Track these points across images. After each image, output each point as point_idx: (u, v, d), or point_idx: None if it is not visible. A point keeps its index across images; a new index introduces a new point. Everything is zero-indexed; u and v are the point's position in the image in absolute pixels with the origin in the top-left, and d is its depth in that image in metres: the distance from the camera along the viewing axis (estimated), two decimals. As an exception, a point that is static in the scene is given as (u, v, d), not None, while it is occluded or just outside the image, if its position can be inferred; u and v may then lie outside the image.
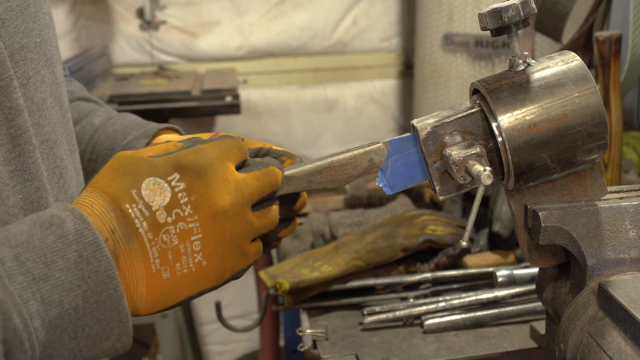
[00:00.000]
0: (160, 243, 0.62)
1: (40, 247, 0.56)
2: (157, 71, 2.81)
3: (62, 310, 0.55)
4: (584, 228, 0.78)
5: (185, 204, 0.63)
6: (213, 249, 0.65)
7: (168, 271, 0.63)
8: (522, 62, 0.77)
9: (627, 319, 0.69)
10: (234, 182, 0.67)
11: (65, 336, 0.56)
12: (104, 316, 0.58)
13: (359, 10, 3.04)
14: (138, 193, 0.62)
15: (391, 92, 3.17)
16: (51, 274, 0.55)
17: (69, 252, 0.56)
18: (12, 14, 0.73)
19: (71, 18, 2.82)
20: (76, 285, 0.56)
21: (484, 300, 1.33)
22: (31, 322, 0.53)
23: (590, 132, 0.75)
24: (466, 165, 0.74)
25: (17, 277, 0.54)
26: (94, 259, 0.57)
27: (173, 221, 0.63)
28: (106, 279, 0.57)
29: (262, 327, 2.20)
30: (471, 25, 2.51)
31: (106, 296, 0.57)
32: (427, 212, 1.63)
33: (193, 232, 0.63)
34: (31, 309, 0.53)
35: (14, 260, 0.54)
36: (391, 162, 0.79)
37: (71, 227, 0.57)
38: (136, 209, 0.62)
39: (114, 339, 0.59)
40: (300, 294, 1.38)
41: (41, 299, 0.54)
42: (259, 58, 3.01)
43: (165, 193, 0.63)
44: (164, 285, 0.63)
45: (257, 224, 0.68)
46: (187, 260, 0.64)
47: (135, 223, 0.61)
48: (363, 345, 1.26)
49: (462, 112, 0.77)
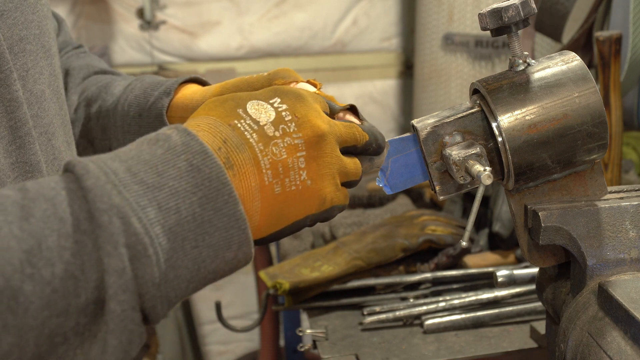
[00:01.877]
0: (270, 154, 0.63)
1: (150, 159, 0.56)
2: (157, 71, 2.81)
3: (181, 217, 0.54)
4: (584, 228, 0.78)
5: (290, 121, 0.65)
6: (315, 169, 0.66)
7: (279, 185, 0.64)
8: (522, 62, 0.77)
9: (627, 319, 0.69)
10: (326, 117, 0.69)
11: (187, 245, 0.55)
12: (223, 223, 0.57)
13: (359, 10, 3.04)
14: (244, 111, 0.64)
15: (391, 92, 3.17)
16: (165, 182, 0.55)
17: (179, 162, 0.56)
18: (11, 6, 0.73)
19: (71, 18, 2.82)
20: (191, 193, 0.55)
21: (484, 300, 1.33)
22: (151, 228, 0.53)
23: (590, 132, 0.75)
24: (466, 165, 0.74)
25: (132, 186, 0.53)
26: (204, 166, 0.57)
27: (280, 135, 0.64)
28: (219, 185, 0.57)
29: (262, 327, 2.20)
30: (471, 25, 2.51)
31: (222, 202, 0.57)
32: (427, 212, 1.63)
33: (298, 148, 0.65)
34: (150, 215, 0.53)
35: (127, 172, 0.54)
36: (391, 162, 0.79)
37: (178, 140, 0.57)
38: (245, 124, 0.63)
39: (235, 247, 0.58)
40: (300, 294, 1.38)
41: (158, 206, 0.54)
42: (259, 58, 3.01)
43: (270, 112, 0.65)
44: (276, 201, 0.64)
45: (348, 165, 0.70)
46: (294, 176, 0.65)
47: (245, 135, 0.62)
48: (363, 345, 1.26)
49: (462, 112, 0.77)
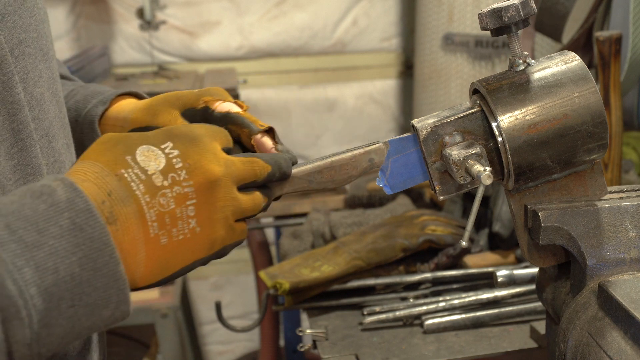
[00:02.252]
0: (157, 206, 0.62)
1: (31, 215, 0.55)
2: (157, 71, 2.81)
3: (58, 277, 0.54)
4: (584, 228, 0.78)
5: (180, 168, 0.64)
6: (206, 216, 0.65)
7: (166, 236, 0.63)
8: (522, 62, 0.77)
9: (627, 319, 0.69)
10: (223, 157, 0.68)
11: (63, 304, 0.55)
12: (101, 283, 0.57)
13: (359, 10, 3.04)
14: (133, 159, 0.63)
15: (391, 92, 3.17)
16: (44, 241, 0.54)
17: (61, 219, 0.55)
18: (10, 9, 0.73)
19: (71, 18, 2.82)
20: (71, 252, 0.55)
21: (484, 300, 1.33)
22: (27, 289, 0.52)
23: (590, 132, 0.75)
24: (466, 165, 0.74)
25: (9, 244, 0.53)
26: (87, 225, 0.56)
27: (169, 184, 0.63)
28: (101, 246, 0.56)
29: (262, 327, 2.20)
30: (471, 25, 2.51)
31: (102, 263, 0.56)
32: (427, 212, 1.63)
33: (188, 196, 0.64)
34: (26, 276, 0.52)
35: (5, 229, 0.53)
36: (391, 162, 0.79)
37: (62, 196, 0.56)
38: (132, 173, 0.62)
39: (113, 307, 0.58)
40: (300, 294, 1.38)
41: (35, 266, 0.53)
42: (259, 58, 3.02)
43: (160, 159, 0.64)
44: (162, 251, 0.63)
45: (244, 203, 0.69)
46: (182, 225, 0.64)
47: (131, 186, 0.61)
48: (363, 345, 1.26)
49: (462, 112, 0.77)
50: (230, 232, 0.69)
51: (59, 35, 2.78)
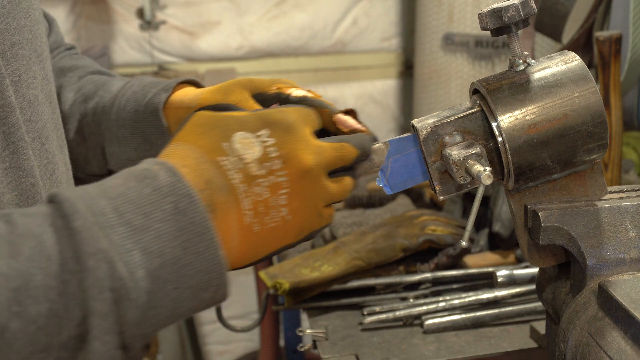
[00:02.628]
0: (253, 195, 0.63)
1: (137, 199, 0.56)
2: (157, 71, 2.81)
3: (164, 260, 0.56)
4: (584, 228, 0.78)
5: (275, 157, 0.65)
6: (297, 204, 0.66)
7: (259, 224, 0.64)
8: (522, 62, 0.77)
9: (627, 319, 0.69)
10: (315, 145, 0.68)
11: (168, 286, 0.56)
12: (203, 267, 0.58)
13: (359, 10, 3.04)
14: (230, 146, 0.64)
15: (391, 92, 3.17)
16: (150, 225, 0.56)
17: (164, 203, 0.57)
18: (3, 12, 0.73)
19: (71, 18, 2.82)
20: (175, 236, 0.56)
21: (484, 300, 1.33)
22: (136, 271, 0.54)
23: (590, 132, 0.75)
24: (466, 165, 0.74)
25: (119, 227, 0.54)
26: (189, 210, 0.58)
27: (264, 174, 0.64)
28: (202, 230, 0.58)
29: (262, 327, 2.20)
30: (471, 25, 2.51)
31: (204, 247, 0.58)
32: (427, 212, 1.63)
33: (282, 186, 0.65)
34: (135, 258, 0.54)
35: (114, 212, 0.55)
36: (391, 162, 0.79)
37: (164, 180, 0.58)
38: (229, 162, 0.63)
39: (213, 290, 0.60)
40: (300, 294, 1.38)
41: (143, 249, 0.55)
42: (259, 58, 3.01)
43: (256, 147, 0.65)
44: (254, 237, 0.65)
45: (333, 190, 0.70)
46: (274, 213, 0.65)
47: (229, 175, 0.63)
48: (363, 345, 1.26)
49: (462, 112, 0.77)
50: (319, 218, 0.70)
51: (59, 35, 2.78)
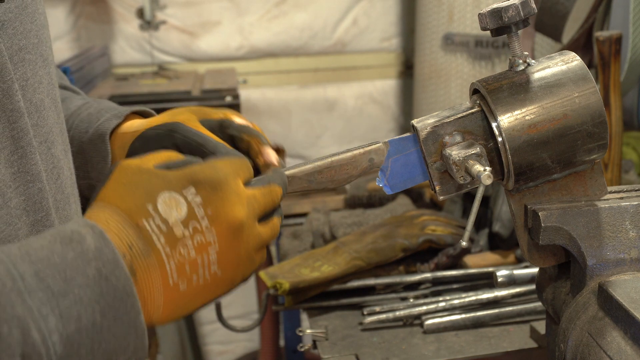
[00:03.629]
0: (177, 256, 0.62)
1: (60, 263, 0.56)
2: (157, 71, 2.81)
3: (80, 325, 0.55)
4: (584, 228, 0.78)
5: (203, 217, 0.64)
6: (228, 259, 0.66)
7: (185, 283, 0.63)
8: (522, 62, 0.77)
9: (627, 319, 0.69)
10: (246, 196, 0.68)
11: (82, 350, 0.56)
12: (121, 331, 0.58)
13: (359, 10, 3.04)
14: (154, 208, 0.63)
15: (391, 92, 3.17)
16: (70, 290, 0.55)
17: (88, 269, 0.57)
18: (11, 16, 0.73)
19: (71, 18, 2.82)
20: (95, 302, 0.56)
21: (484, 300, 1.33)
22: (49, 337, 0.54)
23: (590, 132, 0.75)
24: (466, 165, 0.74)
25: (37, 292, 0.54)
26: (112, 276, 0.57)
27: (190, 234, 0.63)
28: (124, 296, 0.58)
29: (262, 327, 2.20)
30: (471, 25, 2.51)
31: (123, 312, 0.58)
32: (427, 212, 1.63)
33: (210, 244, 0.64)
34: (50, 324, 0.54)
35: (34, 276, 0.55)
36: (391, 162, 0.79)
37: (91, 244, 0.58)
38: (153, 224, 0.62)
39: (130, 352, 0.59)
40: (300, 294, 1.38)
41: (60, 314, 0.54)
42: (259, 58, 3.01)
43: (182, 207, 0.63)
44: (181, 296, 0.64)
45: (264, 235, 0.70)
46: (203, 271, 0.64)
47: (152, 238, 0.62)
48: (363, 345, 1.26)
49: (462, 112, 0.77)
50: (252, 265, 0.69)
51: (58, 36, 2.78)
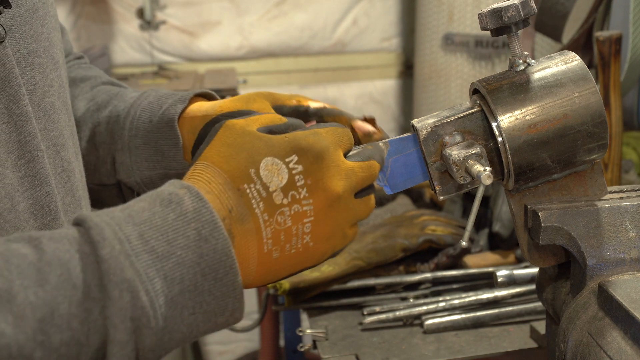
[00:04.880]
0: (274, 224, 0.63)
1: (161, 225, 0.57)
2: (157, 71, 2.81)
3: (183, 287, 0.57)
4: (584, 228, 0.78)
5: (302, 186, 0.64)
6: (321, 231, 0.66)
7: (278, 251, 0.64)
8: (522, 62, 0.77)
9: (627, 319, 0.69)
10: (345, 169, 0.68)
11: (185, 312, 0.57)
12: (221, 292, 0.59)
13: (359, 10, 3.04)
14: (256, 172, 0.63)
15: (391, 92, 3.17)
16: (173, 251, 0.57)
17: (188, 230, 0.58)
18: (19, 20, 0.73)
19: (71, 18, 2.82)
20: (196, 263, 0.57)
21: (484, 300, 1.33)
22: (156, 299, 0.55)
23: (590, 132, 0.75)
24: (466, 165, 0.74)
25: (143, 255, 0.55)
26: (212, 237, 0.58)
27: (289, 203, 0.64)
28: (223, 257, 0.59)
29: (262, 327, 2.20)
30: (471, 25, 2.51)
31: (223, 273, 0.59)
32: (427, 212, 1.63)
33: (306, 214, 0.65)
34: (156, 286, 0.55)
35: (139, 239, 0.56)
36: (391, 162, 0.79)
37: (190, 206, 0.59)
38: (254, 189, 0.63)
39: (228, 314, 0.60)
40: (300, 294, 1.38)
41: (164, 276, 0.56)
42: (259, 58, 3.01)
43: (283, 174, 0.64)
44: (273, 263, 0.65)
45: (359, 211, 0.70)
46: (297, 241, 0.65)
47: (252, 203, 0.63)
48: (363, 345, 1.26)
49: (462, 112, 0.77)
50: (343, 239, 0.69)
51: (58, 35, 2.78)
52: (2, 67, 0.69)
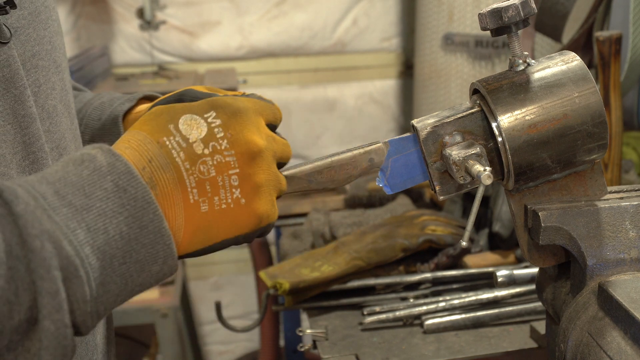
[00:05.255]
0: (197, 173, 0.63)
1: (77, 181, 0.57)
2: (157, 71, 2.81)
3: (108, 237, 0.56)
4: (584, 228, 0.78)
5: (222, 138, 0.65)
6: (251, 187, 0.66)
7: (207, 204, 0.64)
8: (522, 62, 0.77)
9: (627, 319, 0.69)
10: (266, 132, 0.69)
11: (115, 262, 0.57)
12: (149, 240, 0.59)
13: (359, 10, 3.04)
14: (175, 127, 0.64)
15: (391, 92, 3.17)
16: (92, 204, 0.56)
17: (105, 182, 0.58)
18: (24, 22, 0.74)
19: (71, 18, 2.82)
20: (117, 213, 0.57)
21: (484, 300, 1.33)
22: (82, 249, 0.55)
23: (590, 132, 0.75)
24: (466, 165, 0.74)
25: (61, 209, 0.55)
26: (130, 186, 0.58)
27: (210, 153, 0.64)
28: (144, 204, 0.59)
29: (262, 327, 2.20)
30: (471, 25, 2.51)
31: (147, 220, 0.59)
32: (427, 212, 1.63)
33: (230, 165, 0.65)
34: (79, 237, 0.55)
35: (55, 195, 0.56)
36: (391, 162, 0.79)
37: (103, 161, 0.59)
38: (173, 141, 0.64)
39: (161, 262, 0.60)
40: (300, 294, 1.38)
41: (87, 227, 0.55)
42: (259, 58, 3.01)
43: (202, 128, 0.65)
44: (202, 219, 0.64)
45: (282, 181, 0.70)
46: (225, 194, 0.65)
47: (172, 153, 0.63)
48: (363, 345, 1.26)
49: (462, 112, 0.77)
50: (273, 208, 0.69)
51: (59, 35, 2.78)
52: (8, 68, 0.70)
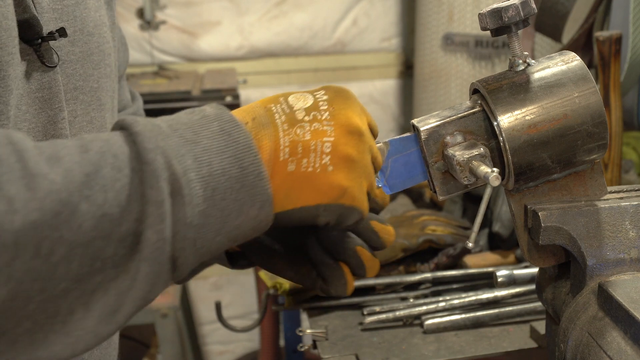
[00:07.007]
0: (293, 134, 0.66)
1: (187, 121, 0.62)
2: (157, 71, 2.81)
3: (212, 169, 0.60)
4: (584, 228, 0.78)
5: (325, 110, 0.68)
6: (341, 157, 0.66)
7: (294, 164, 0.65)
8: (522, 62, 0.77)
9: (627, 319, 0.69)
10: (368, 123, 0.71)
11: (217, 195, 0.59)
12: (248, 181, 0.61)
13: (359, 10, 3.04)
14: (285, 99, 0.69)
15: (391, 92, 3.17)
16: (199, 140, 0.61)
17: (212, 126, 0.62)
18: (73, 58, 0.79)
19: (71, 18, 2.81)
20: (221, 151, 0.61)
21: (484, 300, 1.33)
22: (188, 173, 0.58)
23: (590, 132, 0.75)
24: (471, 166, 0.74)
25: (173, 137, 0.59)
26: (234, 131, 0.62)
27: (310, 120, 0.67)
28: (246, 148, 0.62)
29: (262, 327, 2.20)
30: (471, 25, 2.51)
31: (248, 162, 0.61)
32: (427, 212, 1.63)
33: (326, 133, 0.66)
34: (187, 162, 0.58)
35: (169, 127, 0.60)
36: (391, 162, 0.79)
37: (211, 112, 0.64)
38: (279, 107, 0.68)
39: (258, 205, 0.62)
40: (300, 293, 1.38)
41: (194, 157, 0.59)
42: (259, 58, 3.01)
43: (308, 100, 0.69)
44: (287, 178, 0.65)
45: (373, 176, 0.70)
46: (315, 158, 0.66)
47: (275, 116, 0.67)
48: (363, 345, 1.26)
49: (464, 112, 0.77)
50: (361, 195, 0.68)
51: (59, 35, 2.78)
52: (49, 90, 0.74)
